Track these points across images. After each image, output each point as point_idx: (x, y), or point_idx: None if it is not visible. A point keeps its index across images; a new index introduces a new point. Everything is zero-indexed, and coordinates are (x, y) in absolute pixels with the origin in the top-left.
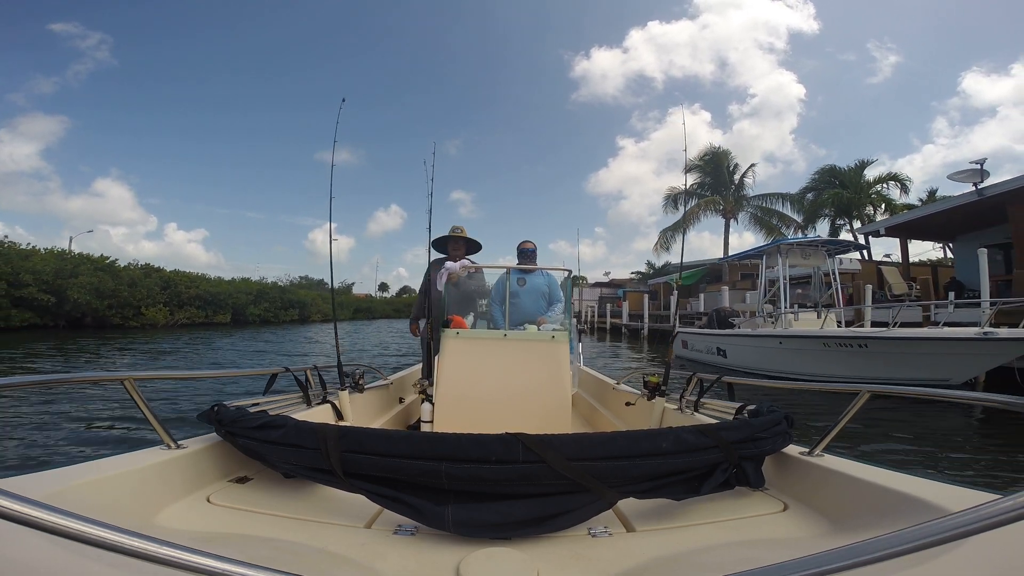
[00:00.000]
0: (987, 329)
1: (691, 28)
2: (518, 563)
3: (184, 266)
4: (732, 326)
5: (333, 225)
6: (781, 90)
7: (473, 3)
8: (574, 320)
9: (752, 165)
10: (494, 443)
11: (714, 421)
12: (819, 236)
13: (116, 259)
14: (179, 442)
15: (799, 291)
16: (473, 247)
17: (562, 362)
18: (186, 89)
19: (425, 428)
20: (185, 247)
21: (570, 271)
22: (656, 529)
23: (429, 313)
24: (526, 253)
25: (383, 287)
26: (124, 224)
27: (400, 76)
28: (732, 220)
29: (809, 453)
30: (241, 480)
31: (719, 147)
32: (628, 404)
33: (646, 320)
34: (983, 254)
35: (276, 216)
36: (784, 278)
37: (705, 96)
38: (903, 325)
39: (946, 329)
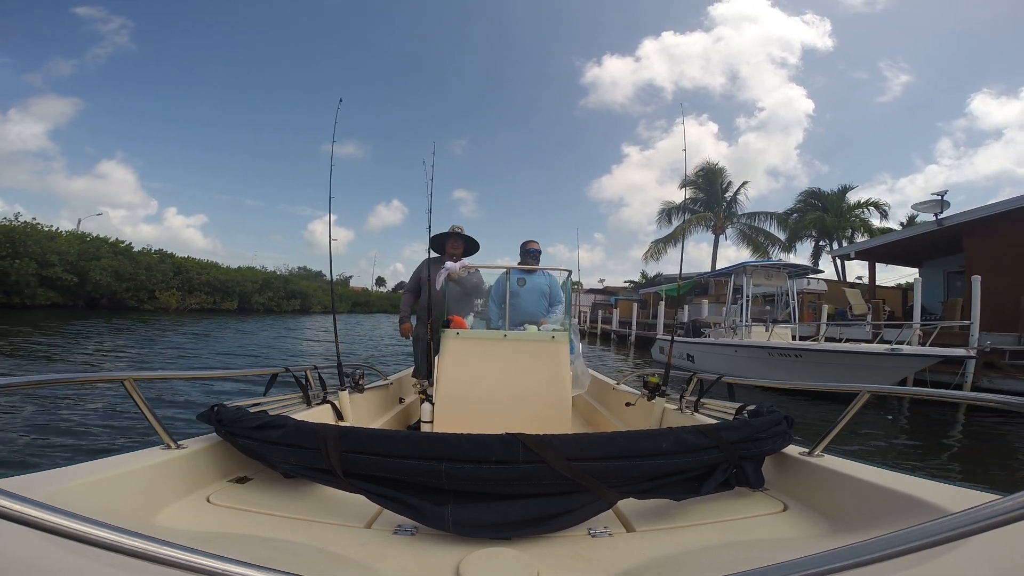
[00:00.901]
0: (894, 346)
1: (705, 40)
2: (518, 563)
3: (181, 251)
4: (703, 335)
5: (333, 217)
6: (790, 104)
7: (487, 5)
8: (574, 320)
9: (744, 183)
10: (494, 443)
11: (714, 421)
12: (781, 260)
13: (131, 243)
14: (179, 442)
15: (768, 308)
16: (472, 246)
17: (562, 362)
18: (197, 77)
19: (425, 428)
20: (183, 232)
21: (569, 271)
22: (656, 529)
23: (429, 313)
24: (530, 253)
25: (380, 282)
26: (124, 207)
27: (409, 73)
28: (722, 236)
29: (809, 453)
30: (241, 480)
31: (715, 164)
32: (628, 404)
33: (634, 327)
34: (918, 282)
35: (275, 205)
36: (747, 296)
37: (714, 108)
38: (849, 341)
39: (862, 344)
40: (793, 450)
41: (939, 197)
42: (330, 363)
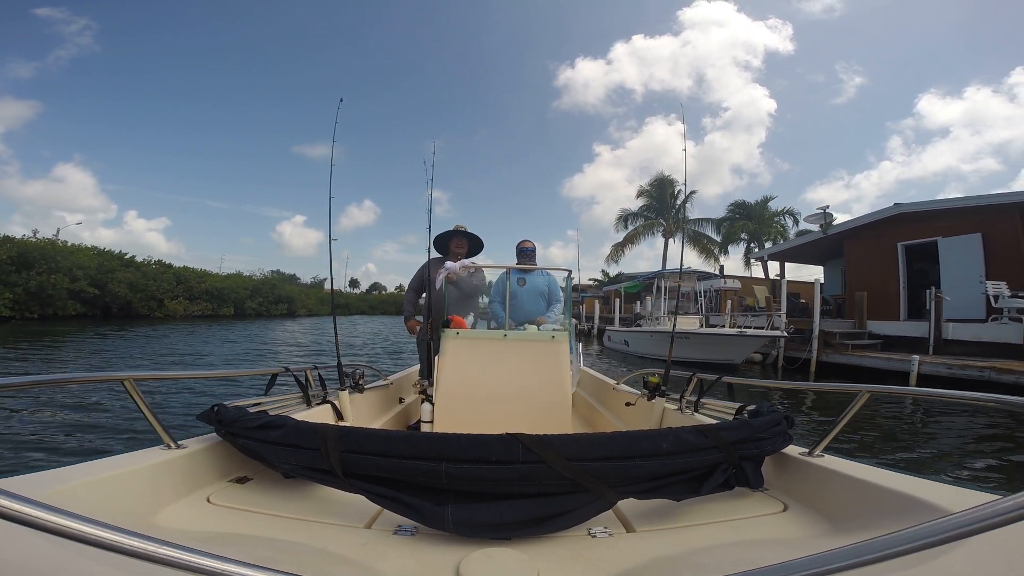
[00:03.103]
0: (740, 329)
1: (673, 44)
2: (518, 563)
3: (144, 255)
4: (639, 325)
5: (302, 218)
6: (753, 104)
7: (462, 9)
8: (574, 320)
9: (692, 192)
10: (494, 443)
11: (714, 421)
12: (691, 267)
13: (134, 255)
14: (179, 442)
15: (690, 303)
16: (476, 245)
17: (562, 362)
18: (159, 78)
19: (425, 428)
20: (145, 236)
21: (570, 271)
22: (656, 529)
23: (429, 313)
24: (525, 252)
25: (353, 283)
26: (82, 211)
27: (382, 74)
28: (671, 239)
29: (809, 453)
30: (241, 480)
31: (667, 175)
32: (628, 404)
33: (596, 321)
34: (784, 283)
35: (241, 207)
36: (664, 295)
37: (681, 108)
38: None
39: (720, 328)
40: (793, 450)
41: (822, 211)
42: (330, 363)
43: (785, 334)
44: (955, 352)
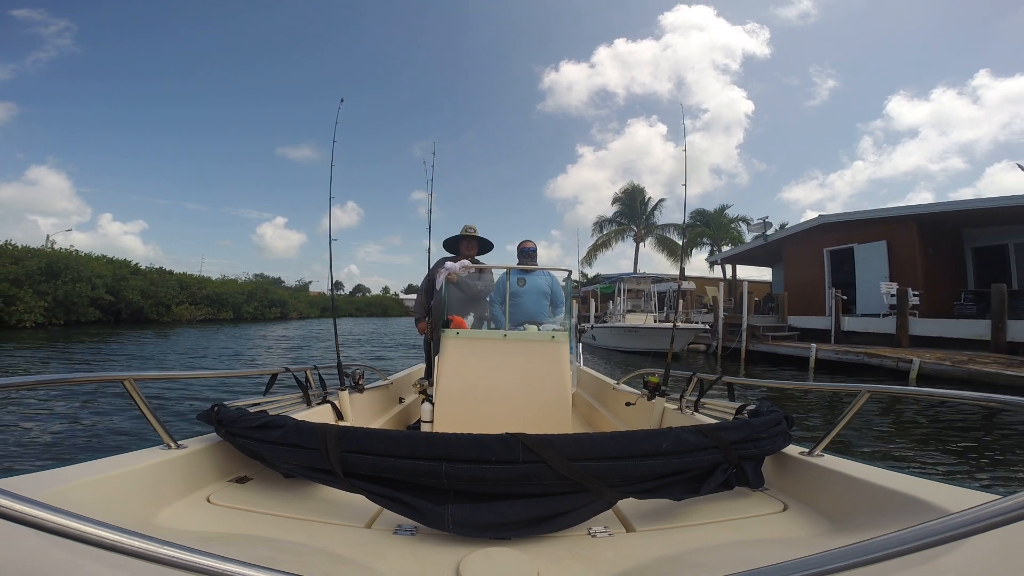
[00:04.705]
0: (676, 323)
1: (655, 48)
2: (518, 563)
3: (124, 259)
4: (605, 322)
5: (283, 220)
6: (731, 106)
7: (447, 10)
8: (573, 320)
9: (661, 200)
10: (494, 443)
11: (714, 421)
12: (646, 272)
13: (138, 263)
14: (179, 442)
15: (651, 301)
16: (485, 246)
17: (562, 362)
18: (137, 81)
19: (425, 428)
20: (121, 239)
21: (569, 271)
22: (656, 529)
23: (429, 313)
24: (526, 253)
25: (337, 285)
26: (56, 214)
27: (367, 76)
28: (642, 243)
29: (809, 453)
30: (241, 480)
31: (637, 184)
32: (628, 404)
33: (575, 318)
34: (721, 286)
35: (219, 208)
36: (623, 296)
37: (662, 110)
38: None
39: (661, 323)
40: (793, 450)
41: (762, 220)
42: (330, 363)
43: (706, 327)
44: (855, 341)
